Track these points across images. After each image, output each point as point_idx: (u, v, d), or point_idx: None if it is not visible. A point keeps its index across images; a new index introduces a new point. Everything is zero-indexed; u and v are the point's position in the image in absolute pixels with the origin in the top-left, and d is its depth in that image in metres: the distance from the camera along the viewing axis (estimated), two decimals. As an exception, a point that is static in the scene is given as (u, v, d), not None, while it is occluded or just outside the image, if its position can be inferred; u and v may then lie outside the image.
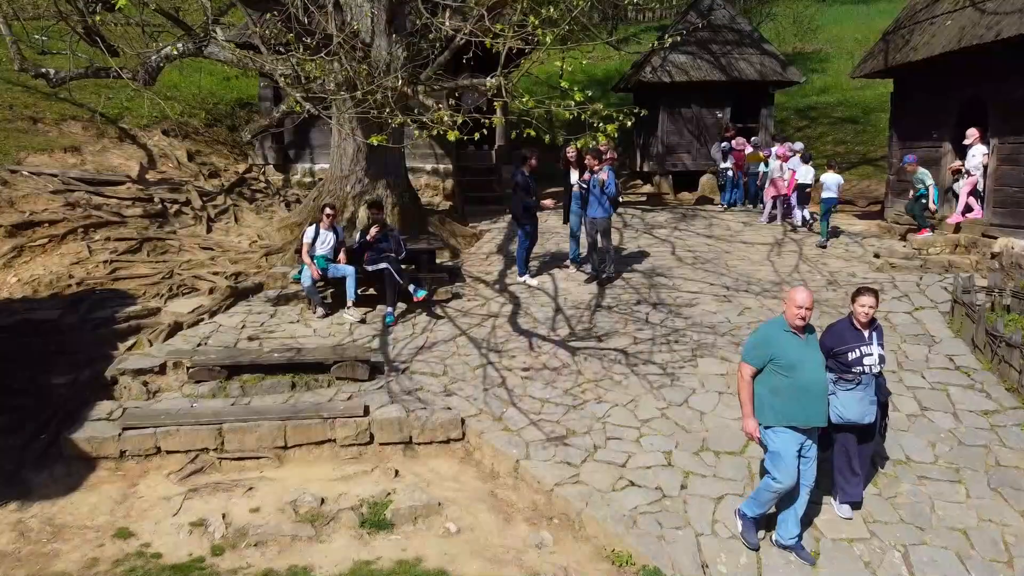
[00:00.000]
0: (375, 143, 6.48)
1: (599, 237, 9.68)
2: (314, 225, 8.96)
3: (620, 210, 13.47)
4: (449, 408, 6.56)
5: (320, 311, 8.74)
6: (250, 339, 7.98)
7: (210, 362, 6.83)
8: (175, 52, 10.94)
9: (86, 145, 13.86)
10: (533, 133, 7.04)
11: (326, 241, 8.92)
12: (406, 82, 9.05)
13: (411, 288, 8.53)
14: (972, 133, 10.45)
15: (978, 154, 10.43)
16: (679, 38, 15.70)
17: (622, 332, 8.22)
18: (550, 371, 7.33)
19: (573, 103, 7.14)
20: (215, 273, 10.21)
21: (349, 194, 11.14)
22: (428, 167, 15.14)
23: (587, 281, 9.89)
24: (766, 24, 28.80)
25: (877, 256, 10.47)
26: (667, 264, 10.70)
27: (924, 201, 10.97)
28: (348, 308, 8.65)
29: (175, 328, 8.18)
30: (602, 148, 9.81)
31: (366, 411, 6.34)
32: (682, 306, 8.96)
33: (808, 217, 12.97)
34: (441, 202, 15.11)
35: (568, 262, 10.58)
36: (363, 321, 8.59)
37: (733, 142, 14.95)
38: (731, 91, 16.53)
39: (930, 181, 10.93)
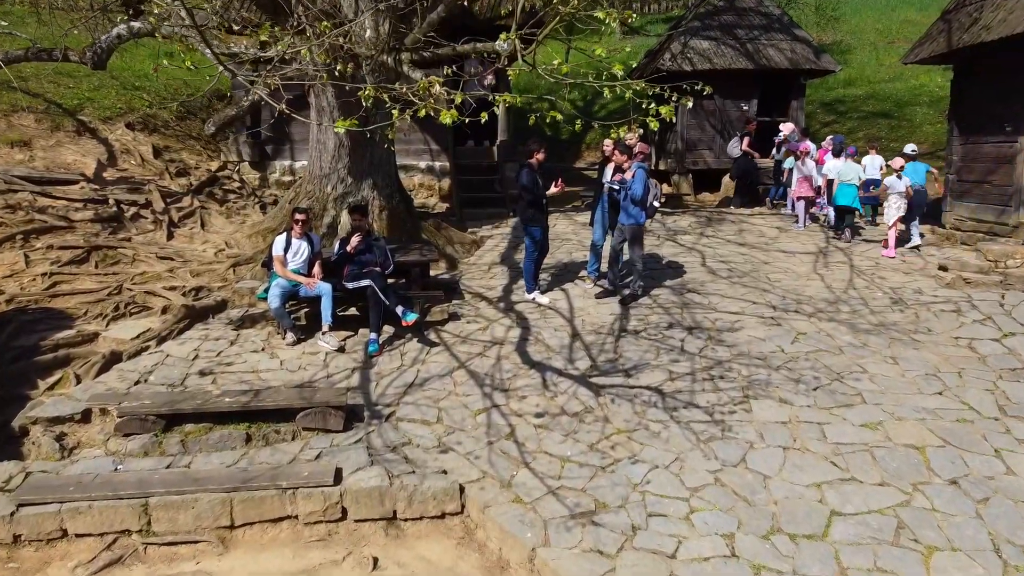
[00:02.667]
0: (340, 129, 5.12)
1: (625, 247, 8.40)
2: (285, 233, 7.66)
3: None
4: (444, 471, 5.26)
5: (290, 337, 7.43)
6: (202, 374, 6.67)
7: (143, 410, 5.53)
8: (126, 33, 9.64)
9: (37, 139, 12.55)
10: (558, 116, 5.67)
11: (299, 252, 7.63)
12: (386, 49, 7.70)
13: (399, 310, 7.23)
14: None
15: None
16: (700, 12, 14.45)
17: (654, 365, 6.92)
18: (570, 417, 6.03)
19: (612, 78, 5.68)
20: (171, 288, 8.91)
21: (330, 196, 9.85)
22: (422, 165, 13.85)
23: (598, 296, 8.60)
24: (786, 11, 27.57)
25: (944, 269, 9.17)
26: (699, 278, 9.40)
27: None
28: (323, 334, 7.35)
29: (112, 359, 6.87)
30: (630, 141, 8.53)
31: (338, 477, 5.04)
32: (723, 331, 7.66)
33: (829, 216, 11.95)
34: (437, 204, 13.82)
35: (585, 275, 9.27)
36: (341, 350, 7.28)
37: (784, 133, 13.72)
38: (758, 81, 15.24)
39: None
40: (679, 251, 10.76)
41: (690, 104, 5.79)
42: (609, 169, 8.79)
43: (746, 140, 13.58)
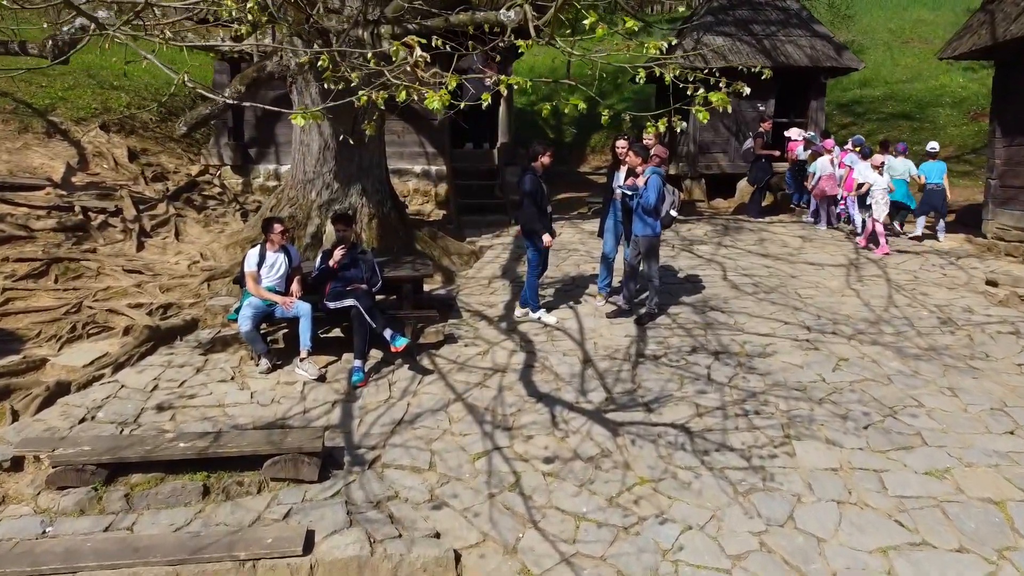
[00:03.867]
0: (301, 123, 4.34)
1: (640, 261, 7.63)
2: (258, 246, 6.87)
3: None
4: (436, 534, 4.46)
5: (264, 364, 6.64)
6: (160, 408, 5.88)
7: (80, 458, 4.73)
8: (91, 24, 8.85)
9: (2, 141, 11.80)
10: (580, 106, 4.89)
11: (275, 267, 6.84)
12: (361, 21, 6.92)
13: (387, 333, 6.44)
14: None
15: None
16: (714, 7, 13.70)
17: (679, 397, 6.13)
18: (584, 463, 5.23)
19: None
20: (137, 306, 8.13)
21: (314, 203, 9.07)
22: (417, 169, 13.09)
23: (611, 315, 7.82)
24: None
25: (994, 284, 8.40)
26: (721, 293, 8.62)
27: None
28: (302, 360, 6.56)
29: (58, 391, 6.08)
30: (648, 142, 7.77)
31: (309, 543, 4.25)
32: (754, 356, 6.87)
33: (858, 221, 11.45)
34: (433, 211, 13.05)
35: (596, 291, 8.48)
36: (322, 379, 6.49)
37: (799, 134, 12.98)
38: (775, 79, 14.45)
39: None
40: (697, 263, 9.98)
41: (746, 91, 5.01)
42: (621, 173, 8.02)
43: (758, 141, 12.81)
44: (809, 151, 12.67)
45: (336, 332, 7.26)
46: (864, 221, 11.69)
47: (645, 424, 5.72)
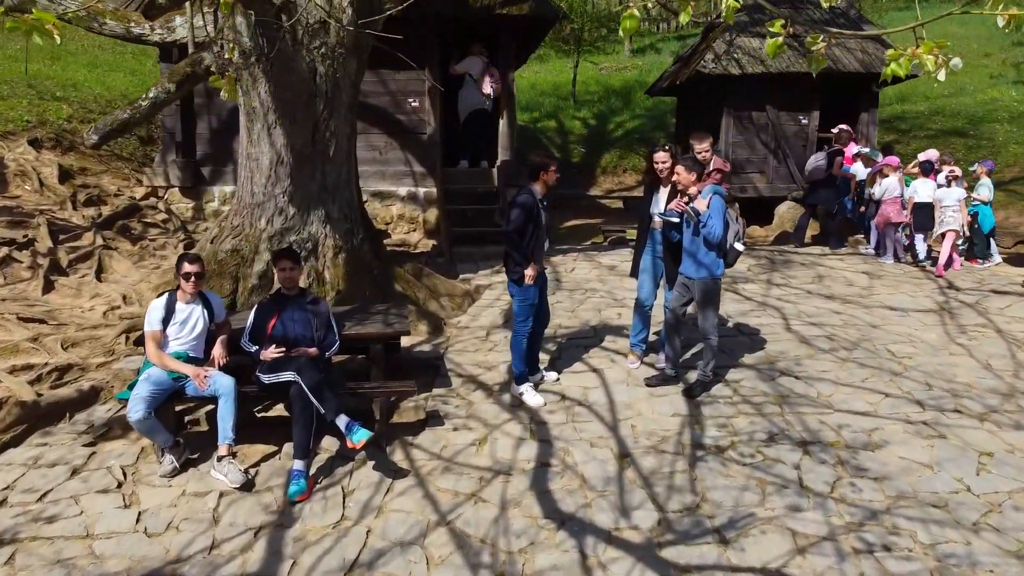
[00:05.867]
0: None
1: (698, 312, 5.83)
2: (166, 295, 5.09)
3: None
4: None
5: (168, 463, 4.82)
6: (-5, 543, 4.04)
7: None
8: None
9: (-98, 158, 10.11)
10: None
11: (188, 324, 5.07)
12: None
13: (341, 422, 4.64)
14: None
15: None
16: (749, 4, 12.09)
17: (763, 517, 4.30)
18: (638, 649, 3.39)
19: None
20: (23, 368, 6.33)
21: (263, 233, 7.30)
22: (402, 191, 11.35)
23: (651, 383, 6.02)
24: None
25: None
26: (789, 350, 6.81)
27: None
28: (220, 459, 4.73)
29: None
30: (701, 153, 6.04)
31: None
32: (857, 448, 5.05)
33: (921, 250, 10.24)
34: (420, 241, 11.29)
35: (629, 350, 6.68)
36: (248, 486, 4.66)
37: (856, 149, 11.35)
38: (819, 87, 12.82)
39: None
40: (747, 307, 8.20)
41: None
42: (661, 195, 6.26)
43: (838, 161, 11.10)
44: (869, 170, 10.95)
45: (279, 409, 5.44)
46: (927, 248, 10.14)
47: (722, 570, 3.88)
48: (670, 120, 20.88)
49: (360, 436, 4.54)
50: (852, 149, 11.50)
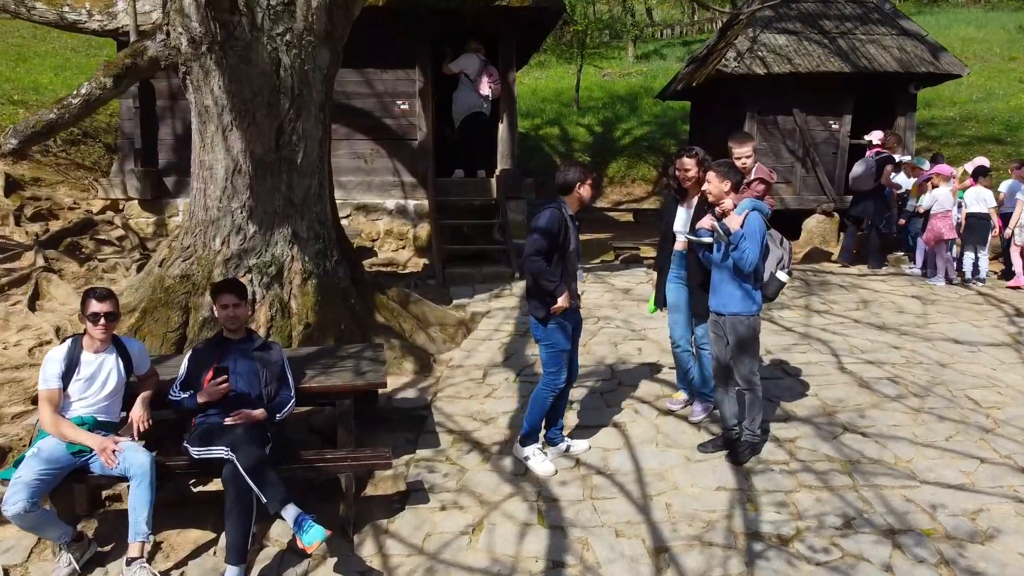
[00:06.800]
0: None
1: (732, 355, 4.74)
2: (67, 342, 4.01)
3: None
4: None
5: (65, 563, 3.72)
6: None
7: None
8: None
9: None
10: None
11: (98, 379, 3.98)
12: None
13: (288, 515, 3.55)
14: None
15: None
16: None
17: (859, 653, 3.20)
18: None
19: None
20: (-85, 424, 5.24)
21: (219, 255, 6.23)
22: (390, 204, 10.30)
23: (706, 449, 4.91)
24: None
25: None
26: (848, 397, 5.72)
27: None
28: (129, 564, 3.64)
29: None
30: (741, 159, 5.01)
31: None
32: (962, 539, 3.95)
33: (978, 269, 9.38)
34: (410, 259, 10.23)
35: (676, 392, 5.61)
36: (164, 600, 3.57)
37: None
38: (852, 89, 11.78)
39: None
40: (788, 340, 7.11)
41: None
42: (686, 208, 5.20)
43: (888, 169, 9.98)
44: (914, 180, 9.90)
45: (216, 483, 4.35)
46: (975, 264, 9.18)
47: None
48: (681, 127, 19.88)
49: (313, 537, 3.45)
50: (876, 136, 10.44)
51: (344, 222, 10.18)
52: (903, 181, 10.19)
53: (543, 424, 4.83)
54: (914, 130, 12.23)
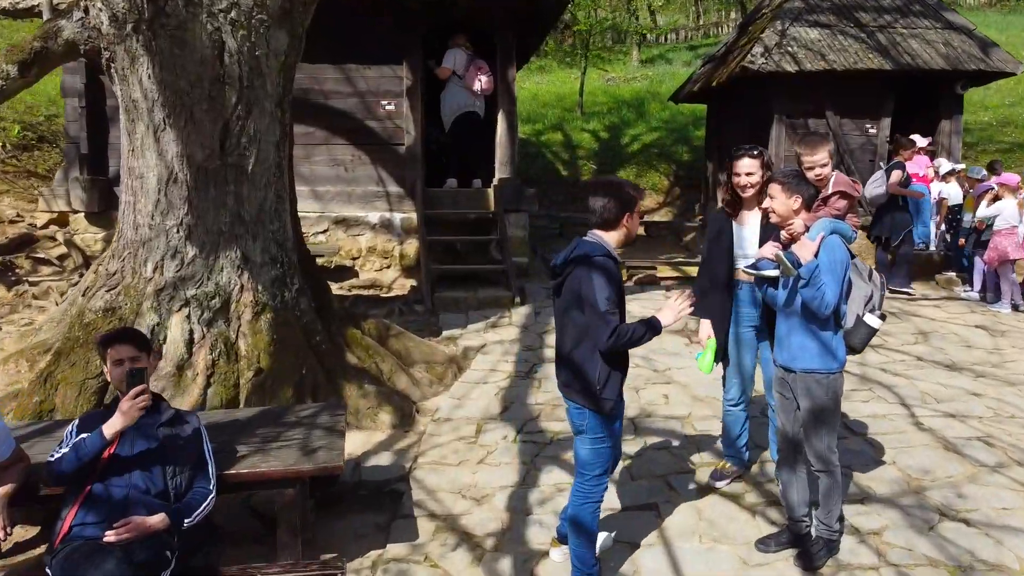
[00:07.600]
0: None
1: (803, 425, 3.61)
2: None
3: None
4: None
5: None
6: None
7: None
8: None
9: None
10: None
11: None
12: None
13: None
14: None
15: None
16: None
17: None
18: None
19: None
20: None
21: (150, 283, 5.12)
22: (374, 218, 9.20)
23: (767, 547, 3.77)
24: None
25: None
26: (933, 465, 4.60)
27: None
28: None
29: None
30: (815, 169, 3.92)
31: None
32: None
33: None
34: (396, 280, 9.12)
35: (723, 463, 4.48)
36: None
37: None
38: (891, 88, 10.71)
39: None
40: (845, 384, 5.97)
41: None
42: (747, 225, 4.09)
43: (896, 174, 8.78)
44: (972, 191, 8.81)
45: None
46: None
47: None
48: (693, 132, 18.86)
49: None
50: (941, 165, 9.34)
51: (321, 238, 9.11)
52: (954, 193, 9.09)
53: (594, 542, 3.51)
54: (960, 135, 11.17)
